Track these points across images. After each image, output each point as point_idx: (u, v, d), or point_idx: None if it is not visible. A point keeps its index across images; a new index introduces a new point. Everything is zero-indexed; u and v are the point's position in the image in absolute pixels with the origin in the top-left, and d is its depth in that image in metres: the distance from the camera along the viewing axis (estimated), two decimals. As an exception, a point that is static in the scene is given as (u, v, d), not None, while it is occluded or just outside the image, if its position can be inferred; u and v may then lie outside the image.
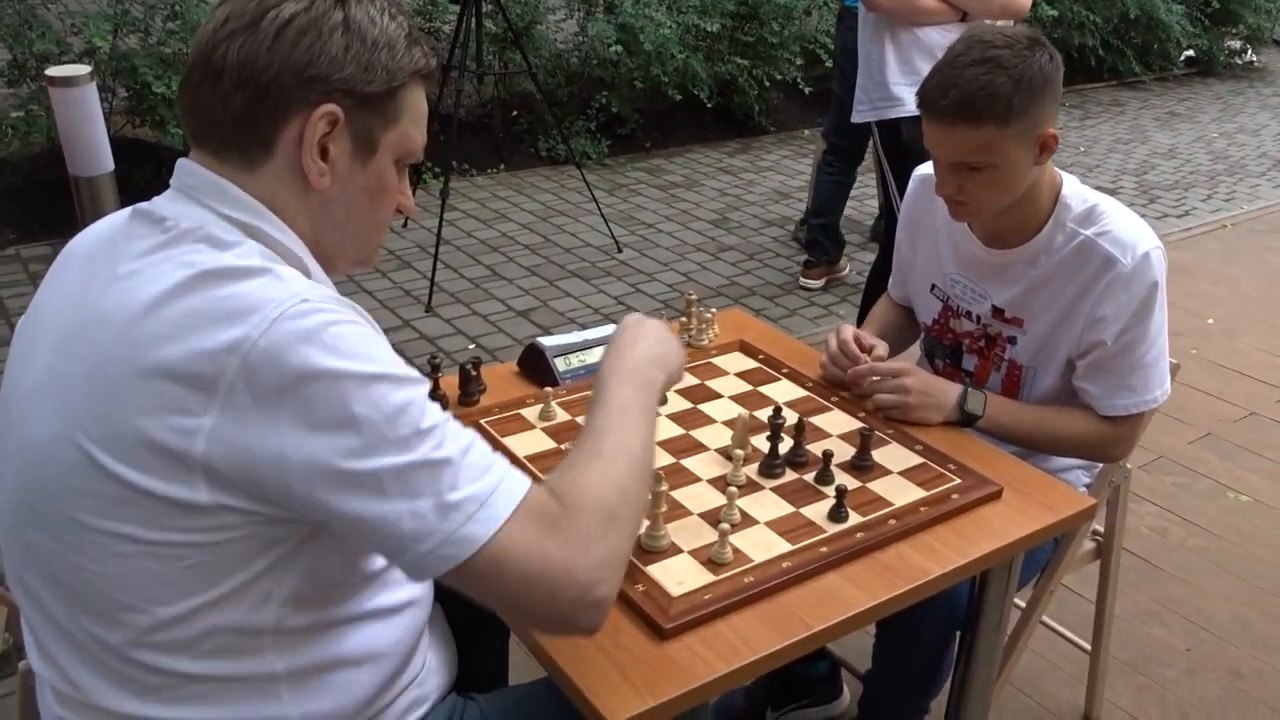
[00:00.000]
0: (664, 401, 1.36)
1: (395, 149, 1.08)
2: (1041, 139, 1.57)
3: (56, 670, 1.05)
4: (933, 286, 1.87)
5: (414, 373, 0.98)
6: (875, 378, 1.69)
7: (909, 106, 3.17)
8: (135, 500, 0.93)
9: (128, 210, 1.07)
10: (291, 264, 1.03)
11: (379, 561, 1.12)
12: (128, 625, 0.98)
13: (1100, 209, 1.67)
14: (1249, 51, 9.46)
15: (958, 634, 1.69)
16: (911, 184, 1.92)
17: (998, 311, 1.77)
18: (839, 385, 1.75)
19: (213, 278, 0.94)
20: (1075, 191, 1.69)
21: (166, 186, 1.07)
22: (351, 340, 0.94)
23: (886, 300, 2.06)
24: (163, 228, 1.00)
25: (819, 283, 4.37)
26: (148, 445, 0.92)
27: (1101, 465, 1.88)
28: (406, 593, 1.17)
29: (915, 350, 2.03)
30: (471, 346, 3.71)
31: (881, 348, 1.75)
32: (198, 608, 0.97)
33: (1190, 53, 9.01)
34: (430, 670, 1.24)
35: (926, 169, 1.86)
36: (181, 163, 1.05)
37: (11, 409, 1.03)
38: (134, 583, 0.96)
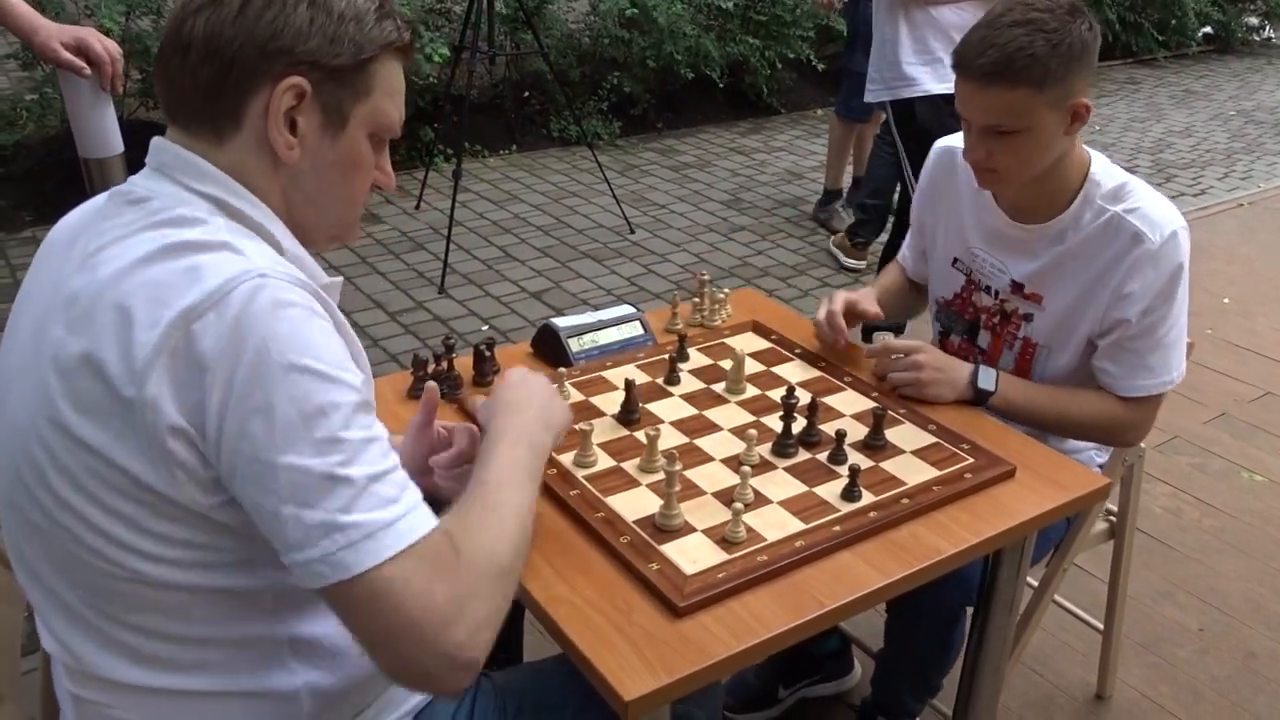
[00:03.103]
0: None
1: (368, 123, 1.07)
2: (1074, 108, 1.57)
3: (61, 645, 1.07)
4: (955, 260, 1.86)
5: (351, 377, 0.96)
6: (891, 355, 1.70)
7: (923, 86, 3.16)
8: (107, 471, 0.95)
9: (106, 193, 1.08)
10: (263, 238, 1.03)
11: None
12: (122, 594, 1.00)
13: (1129, 187, 1.66)
14: (1267, 28, 9.36)
15: (969, 612, 1.69)
16: (932, 155, 1.90)
17: (1016, 286, 1.76)
18: (833, 351, 1.79)
19: (173, 251, 0.96)
20: (1104, 169, 1.68)
21: None
22: (294, 326, 0.93)
23: (896, 267, 2.05)
24: (138, 208, 1.02)
25: (864, 263, 4.34)
26: (112, 412, 0.93)
27: (1115, 446, 1.88)
28: None
29: (926, 332, 2.02)
30: (484, 328, 3.72)
31: (869, 304, 1.80)
32: (184, 574, 0.99)
33: (1208, 29, 8.92)
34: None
35: (948, 141, 1.85)
36: (155, 140, 1.06)
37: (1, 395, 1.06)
38: (119, 554, 0.98)
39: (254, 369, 0.91)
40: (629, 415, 1.57)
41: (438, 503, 1.33)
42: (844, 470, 1.44)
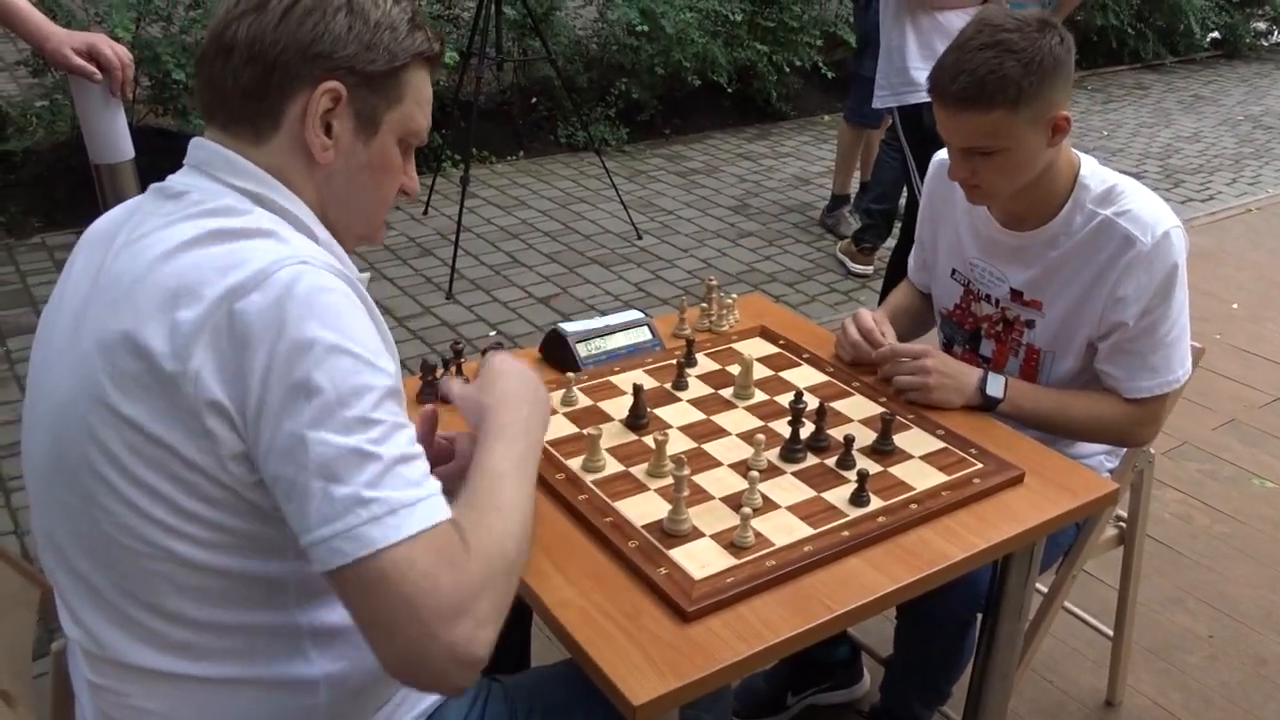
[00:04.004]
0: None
1: (398, 129, 1.12)
2: (1053, 121, 1.57)
3: (83, 629, 1.08)
4: (953, 271, 1.87)
5: (385, 364, 0.98)
6: (899, 360, 1.70)
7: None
8: (146, 446, 0.97)
9: (144, 193, 1.12)
10: (300, 231, 1.07)
11: None
12: (152, 576, 1.01)
13: (1119, 189, 1.66)
14: (1275, 33, 9.34)
15: (979, 618, 1.69)
16: (930, 169, 1.92)
17: (1016, 294, 1.76)
18: (854, 365, 1.76)
19: (217, 236, 1.00)
20: (1093, 172, 1.68)
21: None
22: (334, 310, 0.96)
23: (906, 285, 2.06)
24: (177, 201, 1.05)
25: (870, 268, 4.34)
26: (154, 388, 0.95)
27: (1125, 450, 1.87)
28: None
29: (934, 338, 2.02)
30: (492, 333, 3.72)
31: (891, 336, 1.76)
32: (215, 556, 1.00)
33: (1215, 34, 8.90)
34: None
35: (946, 154, 1.86)
36: (195, 140, 1.10)
37: (37, 385, 1.08)
38: (154, 533, 0.99)
39: (296, 346, 0.93)
40: (637, 420, 1.57)
41: None
42: (852, 475, 1.44)
